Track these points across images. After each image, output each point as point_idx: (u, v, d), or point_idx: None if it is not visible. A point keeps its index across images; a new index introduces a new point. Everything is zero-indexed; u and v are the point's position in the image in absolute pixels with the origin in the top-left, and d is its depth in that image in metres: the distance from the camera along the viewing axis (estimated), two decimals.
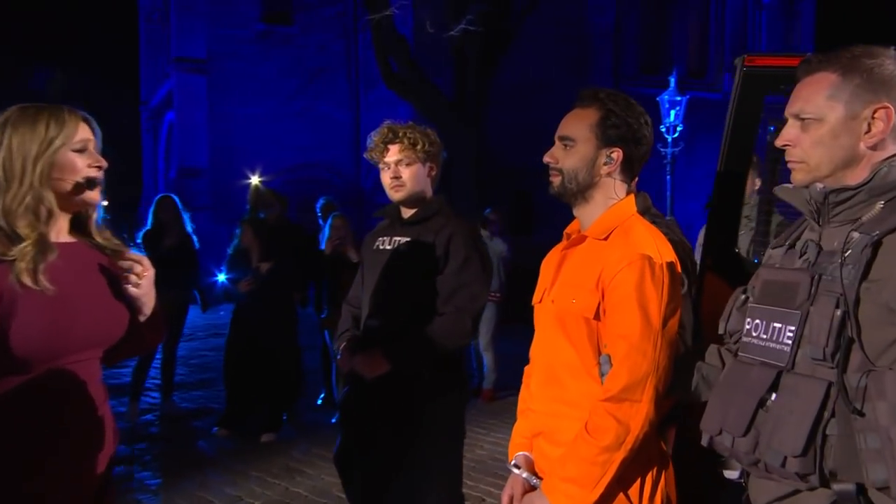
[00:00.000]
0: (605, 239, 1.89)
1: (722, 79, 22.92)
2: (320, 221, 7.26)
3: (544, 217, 19.98)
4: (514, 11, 14.03)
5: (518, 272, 7.39)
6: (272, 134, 20.48)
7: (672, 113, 15.27)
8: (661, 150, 15.46)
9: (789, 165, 1.62)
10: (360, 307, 2.96)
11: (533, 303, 2.11)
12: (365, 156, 2.91)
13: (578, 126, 1.95)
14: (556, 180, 1.99)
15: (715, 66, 23.16)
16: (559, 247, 2.10)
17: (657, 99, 15.98)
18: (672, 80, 15.42)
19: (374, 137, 2.85)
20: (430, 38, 13.94)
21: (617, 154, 1.93)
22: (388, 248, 2.85)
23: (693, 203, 18.99)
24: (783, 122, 2.67)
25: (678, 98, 15.32)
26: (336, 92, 21.54)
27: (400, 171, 2.81)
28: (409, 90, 13.96)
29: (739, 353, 1.66)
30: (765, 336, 1.58)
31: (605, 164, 1.93)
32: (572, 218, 2.04)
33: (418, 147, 2.80)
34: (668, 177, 15.41)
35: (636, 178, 2.07)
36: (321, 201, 7.40)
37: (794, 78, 1.63)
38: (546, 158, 2.01)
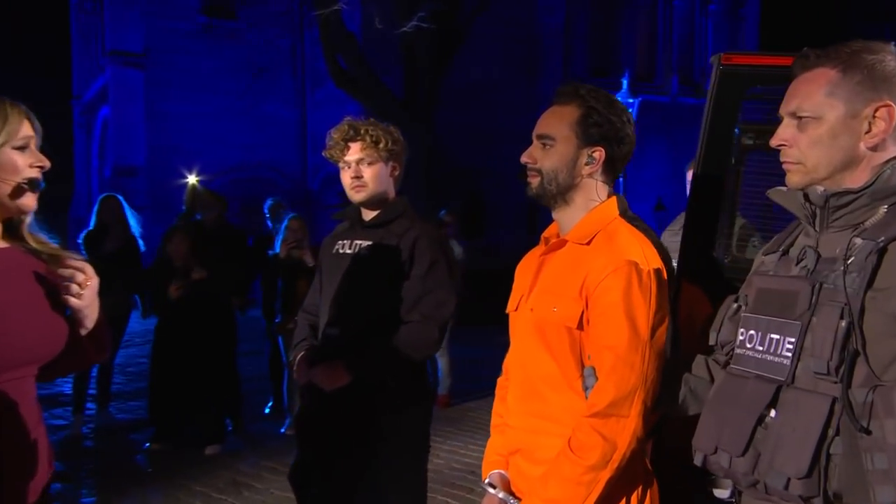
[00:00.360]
0: (588, 244, 1.83)
1: (670, 81, 23.38)
2: (268, 223, 7.11)
3: (496, 219, 20.03)
4: (464, 10, 13.99)
5: (471, 275, 7.36)
6: (214, 132, 20.03)
7: None
8: None
9: (785, 167, 1.56)
10: (317, 315, 2.84)
11: (508, 311, 2.03)
12: (324, 154, 2.79)
13: (558, 124, 1.87)
14: (534, 181, 1.91)
15: (663, 70, 23.59)
16: (536, 251, 2.02)
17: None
18: (624, 83, 15.70)
19: (333, 135, 2.74)
20: (379, 35, 13.82)
21: (599, 154, 1.86)
22: (349, 252, 2.74)
23: (643, 205, 19.38)
24: (752, 123, 2.66)
25: (630, 100, 15.59)
26: (281, 90, 21.21)
27: (361, 170, 2.71)
28: (359, 89, 13.83)
29: (732, 366, 1.59)
30: (761, 348, 1.52)
31: (587, 164, 1.86)
32: (523, 220, 1.96)
33: (381, 145, 2.70)
34: (620, 179, 15.45)
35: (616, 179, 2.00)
36: (269, 202, 7.23)
37: (790, 74, 1.57)
38: (524, 158, 1.93)
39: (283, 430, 6.41)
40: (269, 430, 6.54)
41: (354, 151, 2.71)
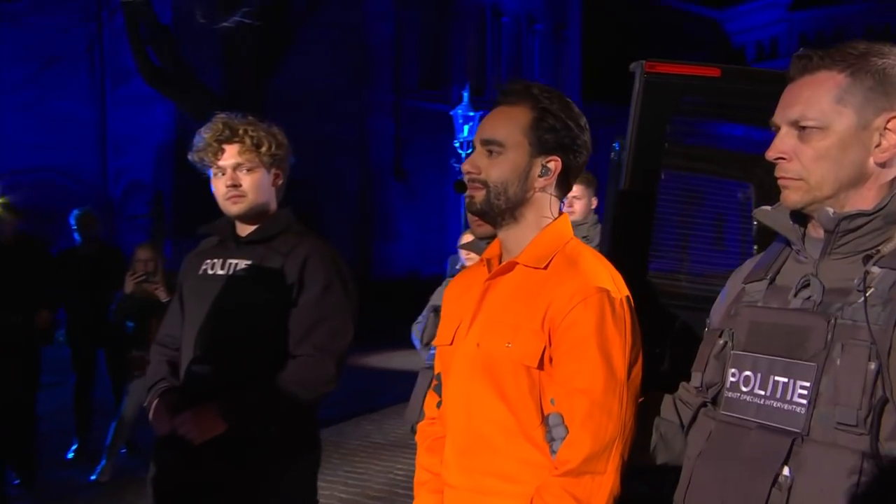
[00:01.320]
0: (545, 268, 1.66)
1: None
2: (76, 236, 6.49)
3: (328, 233, 19.60)
4: (293, 9, 13.60)
5: None
6: None
7: (466, 128, 15.70)
8: (456, 165, 15.83)
9: (781, 183, 1.45)
10: (177, 349, 2.50)
11: (437, 344, 1.83)
12: (191, 157, 2.46)
13: (507, 128, 1.69)
14: (478, 195, 1.71)
15: (492, 86, 24.35)
16: (472, 275, 1.83)
17: (450, 113, 16.43)
18: (465, 96, 15.87)
19: (204, 135, 2.42)
20: (195, 30, 13.06)
21: (554, 164, 1.70)
22: (221, 273, 2.42)
23: None
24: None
25: (471, 113, 15.76)
26: (76, 84, 19.45)
27: (239, 177, 2.42)
28: (173, 88, 12.97)
29: (724, 412, 1.46)
30: (762, 392, 1.39)
31: (541, 175, 1.70)
32: (358, 234, 1.75)
33: (263, 149, 2.42)
34: (462, 197, 15.65)
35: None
36: (76, 213, 6.56)
37: (787, 76, 1.46)
38: (466, 167, 1.74)
39: (93, 478, 5.68)
40: (74, 479, 5.77)
41: (231, 155, 2.42)
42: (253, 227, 2.47)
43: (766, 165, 3.40)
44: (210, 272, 2.45)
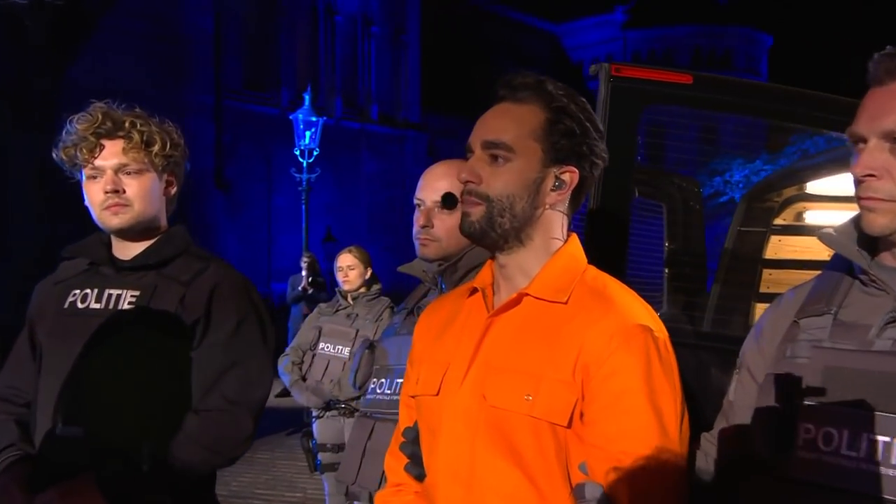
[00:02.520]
0: (566, 302, 1.50)
1: (334, 103, 23.95)
2: None
3: None
4: None
5: None
6: None
7: (308, 135, 15.28)
8: (296, 175, 15.38)
9: (866, 204, 1.36)
10: (26, 404, 2.14)
11: (417, 393, 1.63)
12: (56, 155, 2.12)
13: (517, 129, 1.52)
14: (476, 211, 1.52)
15: (327, 90, 24.05)
16: (459, 307, 1.64)
17: (290, 117, 15.97)
18: (307, 98, 15.48)
19: (77, 125, 2.09)
20: None
21: (570, 176, 1.55)
22: (97, 307, 2.09)
23: (310, 236, 19.42)
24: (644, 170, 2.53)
25: (314, 119, 15.39)
26: None
27: (122, 181, 2.11)
28: None
29: (798, 475, 1.33)
30: (854, 454, 1.27)
31: (554, 189, 1.54)
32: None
33: (155, 148, 2.13)
34: (304, 206, 15.30)
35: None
36: None
37: (871, 80, 1.37)
38: (464, 175, 1.54)
39: None
40: None
41: (112, 153, 2.11)
42: (138, 247, 2.16)
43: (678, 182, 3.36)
44: (80, 305, 2.09)
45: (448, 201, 2.03)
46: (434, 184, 2.16)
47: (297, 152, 15.59)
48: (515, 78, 1.56)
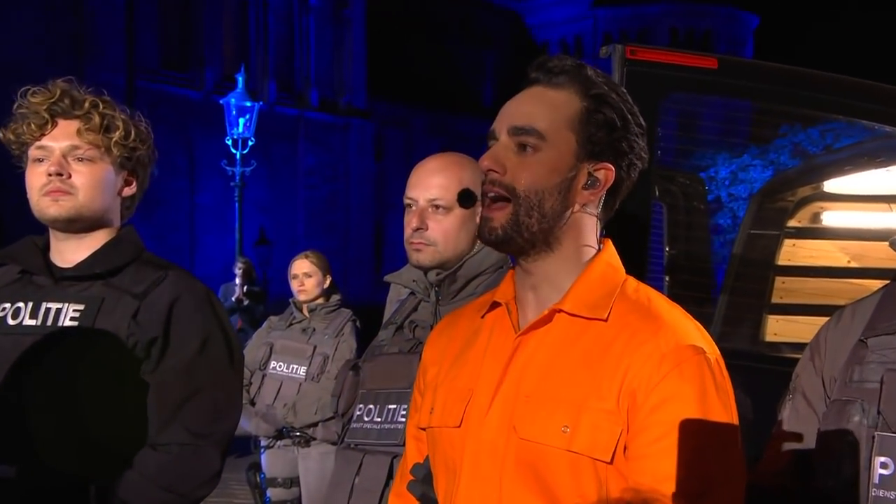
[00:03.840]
0: (606, 319, 1.49)
1: (267, 87, 23.76)
2: None
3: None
4: None
5: None
6: None
7: (241, 122, 15.10)
8: (228, 169, 15.21)
9: None
10: None
11: (433, 425, 1.60)
12: (2, 135, 2.10)
13: (550, 115, 1.51)
14: (500, 215, 1.51)
15: (258, 72, 23.84)
16: (476, 324, 1.63)
17: (221, 102, 15.78)
18: (240, 80, 15.33)
19: (30, 98, 2.06)
20: None
21: (605, 174, 1.53)
22: (31, 323, 2.03)
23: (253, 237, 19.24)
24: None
25: (248, 104, 15.26)
26: None
27: (69, 166, 2.08)
28: None
29: None
30: None
31: (586, 187, 1.53)
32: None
33: (114, 136, 2.10)
34: (237, 203, 15.18)
35: None
36: None
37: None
38: (485, 162, 1.52)
39: None
40: None
41: (65, 133, 2.08)
42: (83, 251, 2.11)
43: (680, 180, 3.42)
44: (11, 322, 2.03)
45: (465, 199, 2.02)
46: (427, 180, 2.14)
47: (230, 142, 15.43)
48: (551, 60, 1.56)
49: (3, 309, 2.05)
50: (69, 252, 2.11)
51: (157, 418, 2.02)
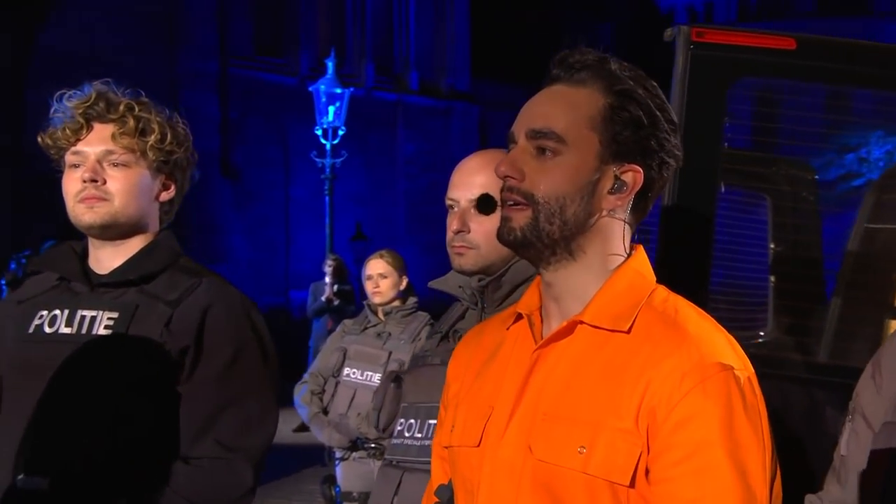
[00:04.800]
0: (628, 331, 1.52)
1: (364, 70, 24.09)
2: None
3: None
4: None
5: None
6: None
7: (331, 110, 15.42)
8: (318, 160, 15.57)
9: None
10: None
11: (452, 444, 1.67)
12: (41, 140, 2.25)
13: (570, 116, 1.55)
14: (519, 217, 1.55)
15: (355, 54, 24.22)
16: (500, 336, 1.68)
17: (310, 90, 16.10)
18: (330, 66, 15.66)
19: (67, 104, 2.21)
20: None
21: (633, 176, 1.56)
22: (67, 331, 2.17)
23: (336, 235, 19.64)
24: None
25: (339, 90, 15.56)
26: None
27: (104, 171, 2.21)
28: None
29: None
30: None
31: (612, 191, 1.56)
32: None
33: (150, 139, 2.22)
34: (327, 197, 15.51)
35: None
36: None
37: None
38: (503, 168, 1.57)
39: None
40: None
41: (100, 138, 2.21)
42: (120, 257, 2.24)
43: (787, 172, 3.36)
44: (47, 330, 2.17)
45: (484, 205, 2.06)
46: (469, 179, 2.19)
47: (319, 132, 15.75)
48: (571, 55, 1.59)
49: (41, 317, 2.20)
50: (106, 259, 2.24)
51: (189, 431, 2.13)
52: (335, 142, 15.63)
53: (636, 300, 1.54)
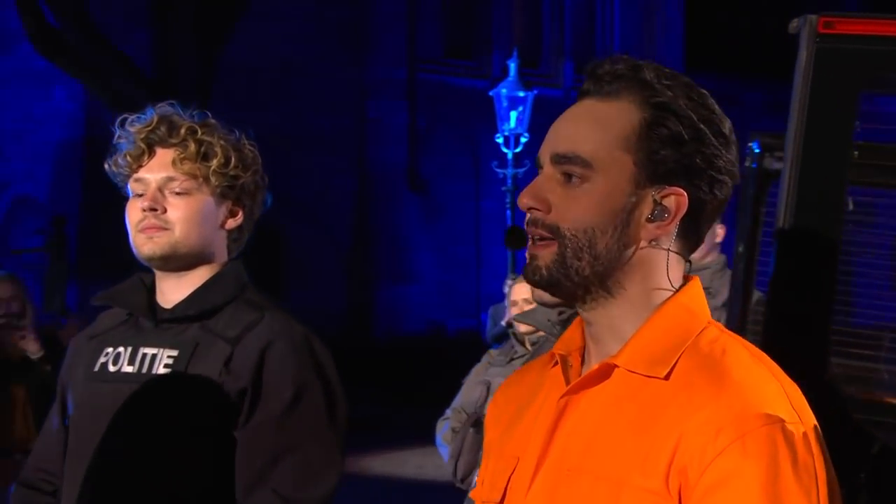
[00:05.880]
0: (667, 377, 1.48)
1: (562, 69, 24.15)
2: None
3: (299, 271, 19.59)
4: None
5: None
6: None
7: (513, 116, 15.58)
8: (499, 171, 15.74)
9: None
10: (52, 486, 2.39)
11: (478, 498, 1.68)
12: (108, 166, 2.37)
13: (598, 135, 1.53)
14: (544, 253, 1.54)
15: (552, 52, 24.32)
16: (542, 379, 1.67)
17: (490, 94, 16.33)
18: (512, 67, 15.83)
19: (131, 129, 2.32)
20: None
21: (676, 200, 1.52)
22: (129, 370, 2.29)
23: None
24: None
25: (521, 94, 15.67)
26: None
27: (165, 200, 2.31)
28: (78, 60, 13.37)
29: None
30: None
31: (652, 219, 1.52)
32: (341, 273, 1.61)
33: (213, 163, 2.31)
34: (508, 211, 15.66)
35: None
36: None
37: None
38: (525, 199, 1.56)
39: None
40: None
41: (160, 164, 2.32)
42: (183, 289, 2.34)
43: None
44: (111, 369, 2.30)
45: (513, 240, 2.04)
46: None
47: (500, 140, 15.84)
48: (602, 65, 1.56)
49: (107, 354, 2.33)
50: (170, 291, 2.34)
51: (245, 479, 2.19)
52: (517, 150, 15.72)
53: (679, 341, 1.50)
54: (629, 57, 1.58)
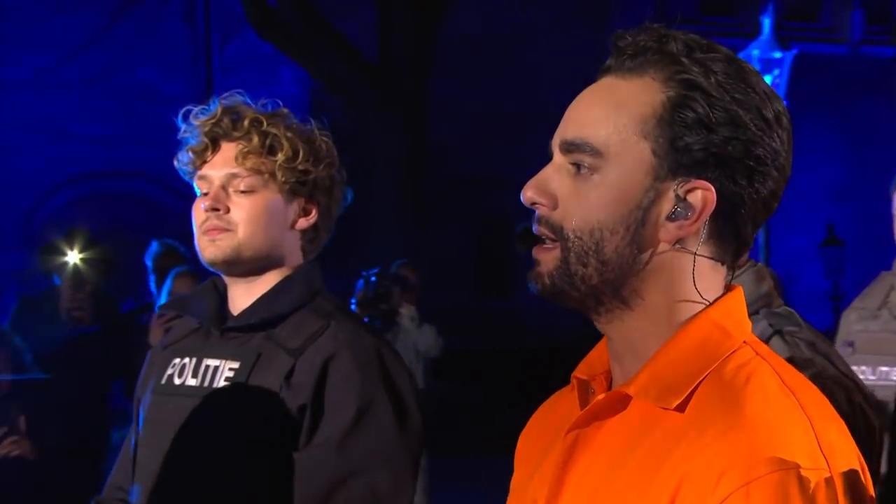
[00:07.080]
0: (680, 407, 1.42)
1: (847, 21, 23.13)
2: (151, 282, 6.96)
3: (527, 265, 19.59)
4: None
5: (487, 357, 6.79)
6: (38, 113, 19.61)
7: (768, 79, 15.11)
8: None
9: None
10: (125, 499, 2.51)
11: None
12: (177, 164, 2.45)
13: (611, 119, 1.47)
14: (547, 259, 1.49)
15: (836, 3, 23.29)
16: (562, 410, 1.64)
17: (739, 56, 15.83)
18: (766, 23, 15.32)
19: (195, 122, 2.38)
20: None
21: (703, 195, 1.44)
22: (192, 384, 2.37)
23: (800, 237, 18.84)
24: None
25: (777, 54, 15.17)
26: (164, 41, 21.01)
27: (228, 198, 2.36)
28: (298, 44, 14.01)
29: None
30: None
31: (672, 217, 1.45)
32: None
33: (279, 158, 2.34)
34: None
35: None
36: (154, 248, 7.11)
37: None
38: (529, 193, 1.51)
39: None
40: None
41: (224, 160, 2.38)
42: (250, 295, 2.39)
43: None
44: (176, 382, 2.39)
45: (524, 241, 1.98)
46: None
47: None
48: (625, 36, 1.49)
49: (174, 365, 2.41)
50: (238, 298, 2.41)
51: (303, 500, 2.21)
52: None
53: (701, 365, 1.43)
54: (660, 26, 1.49)
